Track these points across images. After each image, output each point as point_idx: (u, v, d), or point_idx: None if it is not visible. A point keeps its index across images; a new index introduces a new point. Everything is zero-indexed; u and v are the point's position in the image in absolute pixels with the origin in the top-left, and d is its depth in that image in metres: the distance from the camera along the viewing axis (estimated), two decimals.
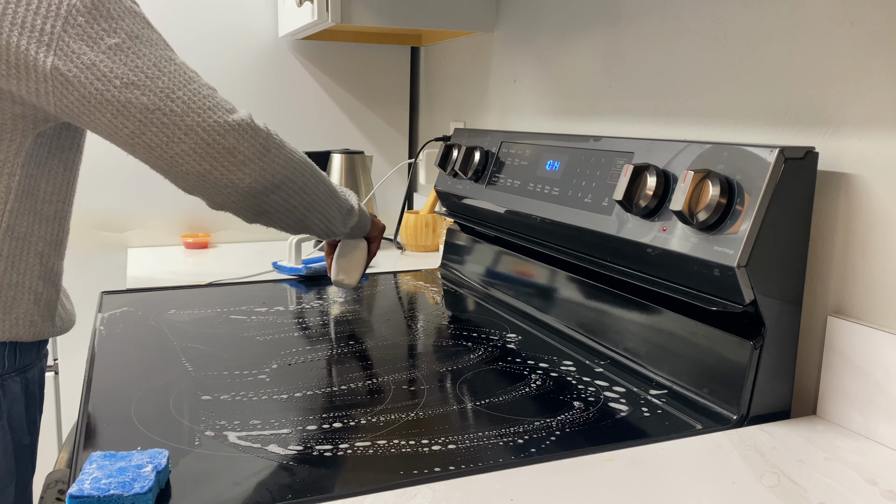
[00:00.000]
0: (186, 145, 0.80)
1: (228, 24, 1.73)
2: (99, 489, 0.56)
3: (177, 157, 0.80)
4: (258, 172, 0.84)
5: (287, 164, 0.87)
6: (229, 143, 0.81)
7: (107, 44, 0.78)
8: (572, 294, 1.03)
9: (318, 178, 0.94)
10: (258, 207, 0.87)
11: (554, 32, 1.30)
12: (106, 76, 0.77)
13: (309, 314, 1.12)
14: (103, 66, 0.77)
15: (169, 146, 0.79)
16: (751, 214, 0.71)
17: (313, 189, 0.92)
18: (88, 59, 0.77)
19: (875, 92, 0.73)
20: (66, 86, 0.78)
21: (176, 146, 0.79)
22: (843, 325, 0.75)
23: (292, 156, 0.89)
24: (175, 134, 0.79)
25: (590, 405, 0.79)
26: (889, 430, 0.71)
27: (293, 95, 1.82)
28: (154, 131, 0.79)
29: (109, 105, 0.78)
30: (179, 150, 0.80)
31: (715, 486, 0.62)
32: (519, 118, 1.44)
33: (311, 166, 0.92)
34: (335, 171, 1.67)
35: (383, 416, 0.75)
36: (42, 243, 0.90)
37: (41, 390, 0.98)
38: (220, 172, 0.82)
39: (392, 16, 1.48)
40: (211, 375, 0.86)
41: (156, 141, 0.79)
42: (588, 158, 0.98)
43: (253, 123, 0.84)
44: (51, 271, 0.92)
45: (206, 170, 0.81)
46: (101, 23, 0.78)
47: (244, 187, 0.83)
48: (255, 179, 0.84)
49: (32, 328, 0.90)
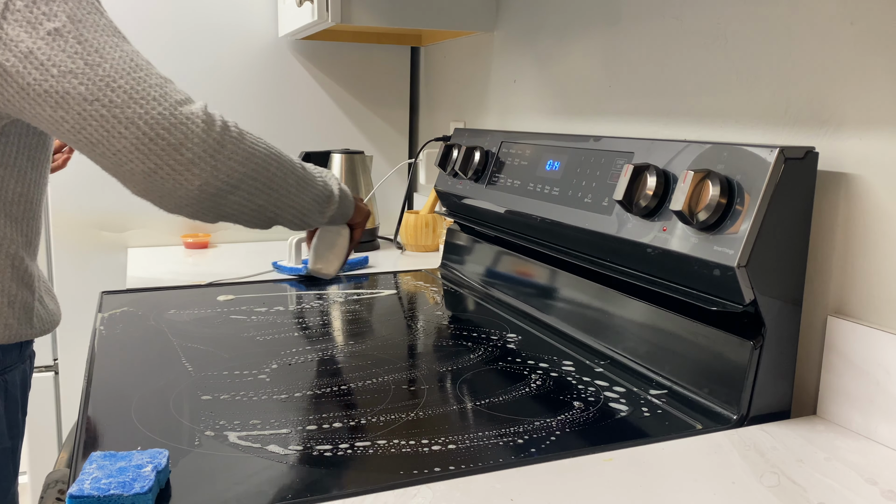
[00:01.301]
0: (128, 140, 0.71)
1: (228, 24, 1.73)
2: (99, 489, 0.56)
3: (119, 154, 0.72)
4: (210, 172, 0.75)
5: (246, 161, 0.79)
6: (175, 138, 0.73)
7: (46, 29, 0.71)
8: (572, 294, 1.03)
9: (287, 170, 0.86)
10: (217, 210, 0.80)
11: (554, 32, 1.29)
12: (43, 64, 0.71)
13: (309, 314, 1.12)
14: (41, 53, 0.71)
15: (110, 142, 0.72)
16: (751, 214, 0.71)
17: (281, 183, 0.86)
18: (26, 46, 0.71)
19: (875, 92, 0.73)
20: (5, 77, 0.71)
21: (117, 142, 0.71)
22: (843, 325, 0.75)
23: (253, 150, 0.81)
24: (115, 128, 0.71)
25: (590, 405, 0.79)
26: (889, 430, 0.71)
27: (293, 95, 1.82)
28: (94, 125, 0.71)
29: (48, 96, 0.71)
30: (121, 146, 0.72)
31: (715, 486, 0.62)
32: (519, 118, 1.44)
33: (276, 158, 0.85)
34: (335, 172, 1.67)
35: (383, 416, 0.75)
36: (13, 245, 0.88)
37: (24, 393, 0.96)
38: (165, 172, 0.73)
39: (392, 16, 1.48)
40: (211, 375, 0.86)
41: (97, 136, 0.72)
42: (588, 158, 0.98)
43: (206, 117, 0.75)
44: (24, 273, 0.90)
45: (150, 169, 0.72)
46: (40, 6, 0.71)
47: (194, 189, 0.75)
48: (207, 180, 0.75)
49: (7, 331, 0.89)
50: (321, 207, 0.95)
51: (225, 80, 1.75)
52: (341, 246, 1.07)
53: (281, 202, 0.87)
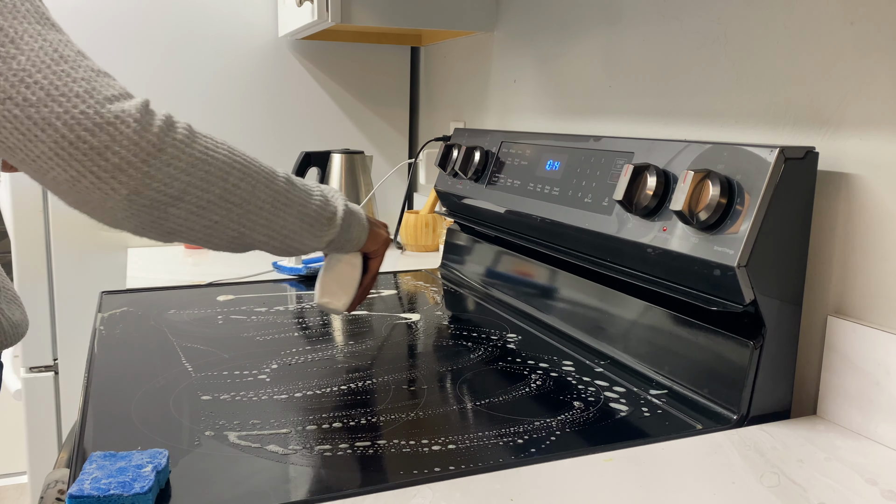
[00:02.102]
0: (45, 145, 0.61)
1: (228, 24, 1.73)
2: (99, 489, 0.56)
3: (39, 160, 0.62)
4: (140, 180, 0.63)
5: (192, 169, 0.67)
6: (100, 140, 0.62)
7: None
8: (572, 294, 1.03)
9: (258, 182, 0.73)
10: (158, 226, 0.68)
11: (554, 32, 1.29)
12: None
13: (309, 314, 1.12)
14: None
15: (28, 147, 0.61)
16: (751, 214, 0.71)
17: (246, 197, 0.72)
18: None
19: (875, 92, 0.73)
20: None
21: (35, 146, 0.61)
22: (843, 325, 0.75)
23: (205, 156, 0.68)
24: (31, 130, 0.61)
25: (590, 405, 0.79)
26: (889, 430, 0.71)
27: (293, 95, 1.82)
28: (8, 127, 0.61)
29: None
30: (39, 151, 0.61)
31: (715, 486, 0.62)
32: (519, 118, 1.44)
33: (242, 168, 0.72)
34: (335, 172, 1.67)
35: (383, 416, 0.75)
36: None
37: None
38: (89, 181, 0.62)
39: (392, 16, 1.48)
40: (211, 375, 0.86)
41: (13, 140, 0.61)
42: (588, 158, 0.98)
43: (140, 115, 0.63)
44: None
45: (72, 177, 0.62)
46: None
47: (121, 199, 0.64)
48: (136, 189, 0.63)
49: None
50: (315, 230, 0.81)
51: (225, 80, 1.75)
52: (351, 278, 0.91)
53: (247, 220, 0.73)
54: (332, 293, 0.91)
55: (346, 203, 0.86)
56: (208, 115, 1.75)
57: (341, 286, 0.91)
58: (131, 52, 1.67)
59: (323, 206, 0.82)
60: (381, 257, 0.94)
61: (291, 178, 0.79)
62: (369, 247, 0.92)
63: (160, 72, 1.70)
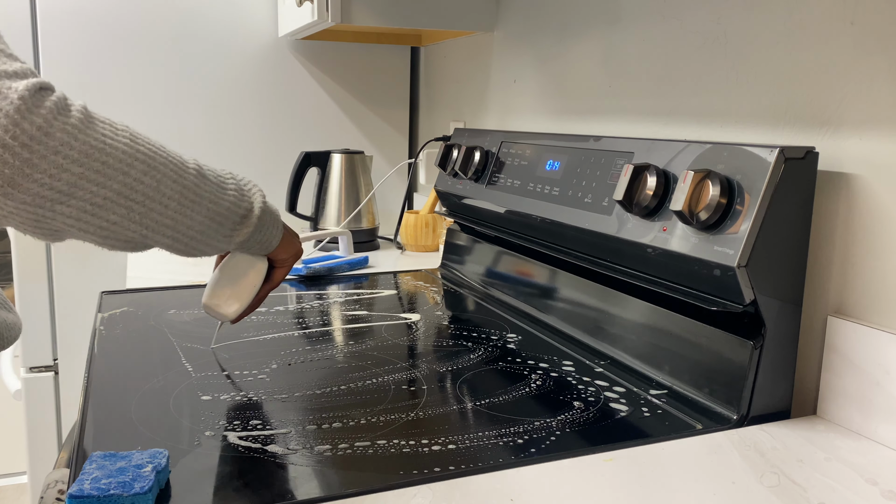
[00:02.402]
0: None
1: (228, 24, 1.73)
2: (99, 489, 0.56)
3: None
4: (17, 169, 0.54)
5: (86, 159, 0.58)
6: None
7: None
8: (572, 294, 1.03)
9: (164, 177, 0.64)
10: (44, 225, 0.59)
11: (554, 32, 1.29)
12: None
13: (309, 314, 1.12)
14: None
15: None
16: (751, 214, 0.71)
17: (151, 194, 0.63)
18: None
19: (875, 92, 0.73)
20: None
21: None
22: (843, 325, 0.75)
23: (102, 144, 0.59)
24: None
25: (590, 405, 0.79)
26: (889, 430, 0.71)
27: (293, 95, 1.82)
28: None
29: None
30: None
31: (715, 486, 0.62)
32: (519, 118, 1.44)
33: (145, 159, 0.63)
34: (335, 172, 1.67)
35: (383, 416, 0.75)
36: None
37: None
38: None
39: (392, 16, 1.48)
40: (211, 375, 0.86)
41: None
42: (588, 158, 0.98)
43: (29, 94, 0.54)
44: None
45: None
46: None
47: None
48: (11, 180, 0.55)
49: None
50: (225, 229, 0.72)
51: (225, 80, 1.75)
52: (250, 284, 0.81)
53: (150, 220, 0.64)
54: (224, 297, 0.81)
55: (263, 199, 0.77)
56: (208, 115, 1.75)
57: (236, 291, 0.81)
58: (131, 52, 1.67)
59: (237, 201, 0.73)
60: (288, 268, 0.85)
61: (202, 169, 0.70)
62: (279, 253, 0.83)
63: (160, 72, 1.70)
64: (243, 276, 0.81)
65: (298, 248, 0.85)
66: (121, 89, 1.68)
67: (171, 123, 1.73)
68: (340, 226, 1.64)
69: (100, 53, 1.65)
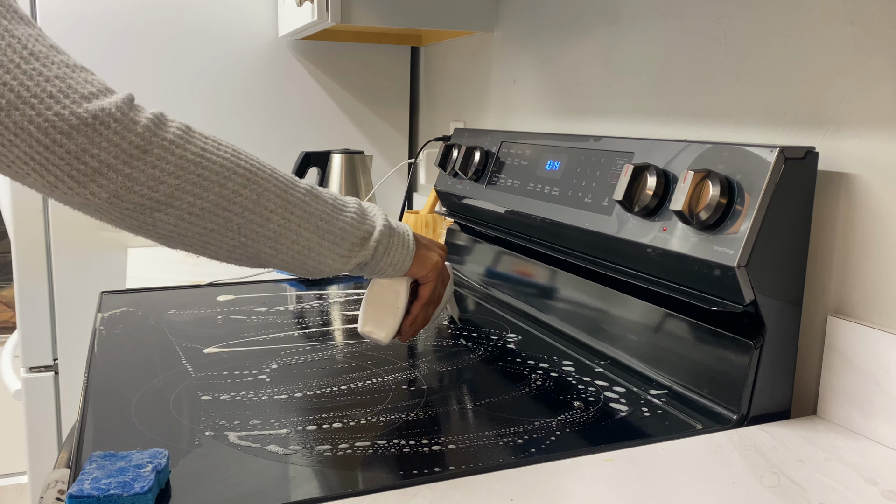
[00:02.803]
0: (20, 149, 0.57)
1: (228, 24, 1.73)
2: (99, 489, 0.56)
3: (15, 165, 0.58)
4: (121, 183, 0.59)
5: (182, 172, 0.62)
6: (78, 143, 0.58)
7: None
8: (572, 294, 1.03)
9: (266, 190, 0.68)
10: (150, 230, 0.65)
11: (554, 32, 1.29)
12: None
13: (309, 314, 1.12)
14: None
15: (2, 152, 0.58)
16: (751, 214, 0.71)
17: (250, 206, 0.67)
18: None
19: (875, 92, 0.73)
20: None
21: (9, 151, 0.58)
22: (843, 325, 0.75)
23: (200, 159, 0.63)
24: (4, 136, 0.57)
25: (590, 405, 0.79)
26: (889, 430, 0.71)
27: (293, 95, 1.82)
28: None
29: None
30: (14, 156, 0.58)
31: (715, 486, 0.62)
32: (519, 118, 1.44)
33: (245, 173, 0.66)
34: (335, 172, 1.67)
35: (383, 416, 0.75)
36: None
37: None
38: (67, 186, 0.59)
39: (392, 16, 1.48)
40: (211, 375, 0.86)
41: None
42: (588, 158, 0.98)
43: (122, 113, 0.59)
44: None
45: (50, 182, 0.58)
46: None
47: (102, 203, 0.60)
48: (117, 193, 0.60)
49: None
50: (339, 249, 0.74)
51: (225, 80, 1.75)
52: (393, 306, 0.83)
53: (249, 230, 0.68)
54: (374, 322, 0.83)
55: (386, 222, 0.77)
56: (208, 115, 1.75)
57: (382, 315, 0.83)
58: (131, 52, 1.67)
59: (356, 223, 0.74)
60: (432, 282, 0.84)
61: (317, 192, 0.73)
62: (416, 272, 0.82)
63: (160, 72, 1.70)
64: (384, 300, 0.83)
65: (436, 261, 0.83)
66: (120, 89, 1.68)
67: None
68: None
69: (99, 54, 1.65)
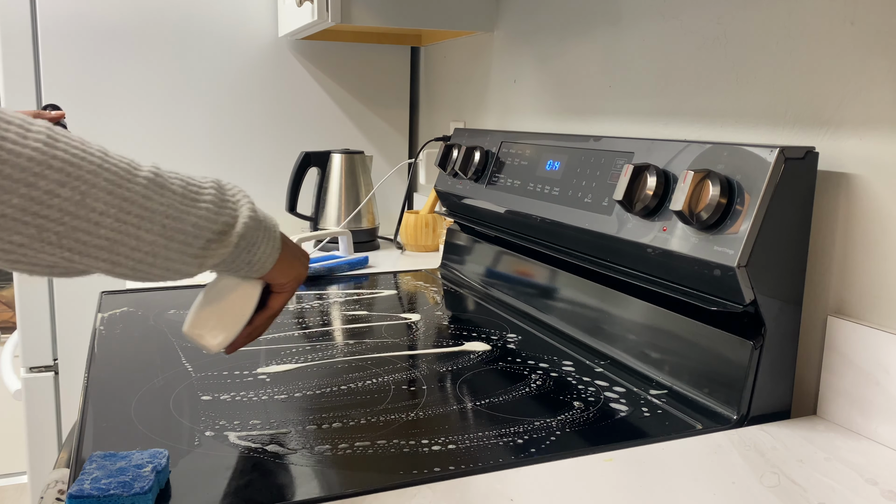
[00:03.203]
0: None
1: (228, 24, 1.73)
2: (99, 489, 0.56)
3: None
4: None
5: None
6: None
7: None
8: (572, 294, 1.03)
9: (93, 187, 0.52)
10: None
11: (554, 32, 1.29)
12: None
13: (309, 314, 1.12)
14: None
15: None
16: (751, 214, 0.71)
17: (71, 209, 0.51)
18: None
19: (875, 92, 0.73)
20: None
21: None
22: (843, 325, 0.75)
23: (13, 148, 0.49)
24: None
25: (590, 405, 0.79)
26: (889, 430, 0.71)
27: (293, 95, 1.82)
28: None
29: None
30: None
31: (715, 486, 0.62)
32: (519, 118, 1.44)
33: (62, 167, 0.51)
34: (335, 172, 1.67)
35: (383, 416, 0.75)
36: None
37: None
38: None
39: (392, 16, 1.48)
40: (211, 375, 0.86)
41: None
42: (588, 158, 0.98)
43: None
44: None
45: None
46: None
47: None
48: None
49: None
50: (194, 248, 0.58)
51: (225, 80, 1.75)
52: (239, 313, 0.67)
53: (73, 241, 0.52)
54: (208, 326, 0.67)
55: (252, 210, 0.62)
56: (208, 115, 1.75)
57: (222, 320, 0.67)
58: (131, 53, 1.67)
59: (211, 215, 0.59)
60: (288, 294, 0.70)
61: (162, 178, 0.57)
62: (276, 276, 0.67)
63: (160, 72, 1.70)
64: (228, 303, 0.67)
65: (300, 271, 0.70)
66: (121, 90, 1.68)
67: (170, 124, 1.73)
68: (340, 226, 1.64)
69: (99, 54, 1.65)
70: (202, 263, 0.59)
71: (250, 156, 1.81)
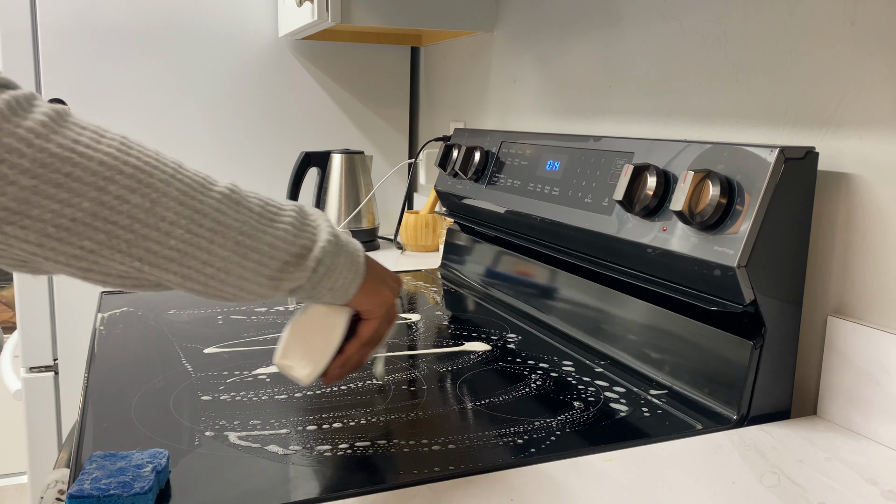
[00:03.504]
0: None
1: (228, 24, 1.73)
2: (99, 489, 0.56)
3: None
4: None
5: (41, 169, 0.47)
6: None
7: None
8: (572, 294, 1.03)
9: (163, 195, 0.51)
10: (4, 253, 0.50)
11: (554, 32, 1.29)
12: None
13: None
14: None
15: None
16: (751, 214, 0.71)
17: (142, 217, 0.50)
18: None
19: (875, 92, 0.73)
20: None
21: None
22: (843, 325, 0.75)
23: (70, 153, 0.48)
24: None
25: (590, 405, 0.79)
26: (889, 430, 0.71)
27: (293, 95, 1.82)
28: None
29: None
30: None
31: (715, 486, 0.62)
32: (519, 118, 1.44)
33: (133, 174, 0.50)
34: (335, 172, 1.67)
35: (383, 416, 0.75)
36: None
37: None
38: None
39: (392, 16, 1.48)
40: (211, 375, 0.86)
41: None
42: (588, 158, 0.98)
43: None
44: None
45: None
46: None
47: None
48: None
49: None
50: (270, 269, 0.56)
51: (225, 80, 1.75)
52: (325, 342, 0.64)
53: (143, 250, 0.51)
54: (297, 357, 0.65)
55: (333, 235, 0.60)
56: (208, 115, 1.75)
57: (309, 350, 0.64)
58: (131, 53, 1.67)
59: (289, 237, 0.57)
60: (377, 320, 0.66)
61: (239, 195, 0.56)
62: (360, 303, 0.64)
63: (160, 72, 1.70)
64: (314, 332, 0.64)
65: (387, 296, 0.66)
66: (121, 90, 1.68)
67: (170, 124, 1.73)
68: (340, 226, 1.64)
69: (99, 54, 1.65)
70: (278, 286, 0.57)
71: (250, 156, 1.81)
